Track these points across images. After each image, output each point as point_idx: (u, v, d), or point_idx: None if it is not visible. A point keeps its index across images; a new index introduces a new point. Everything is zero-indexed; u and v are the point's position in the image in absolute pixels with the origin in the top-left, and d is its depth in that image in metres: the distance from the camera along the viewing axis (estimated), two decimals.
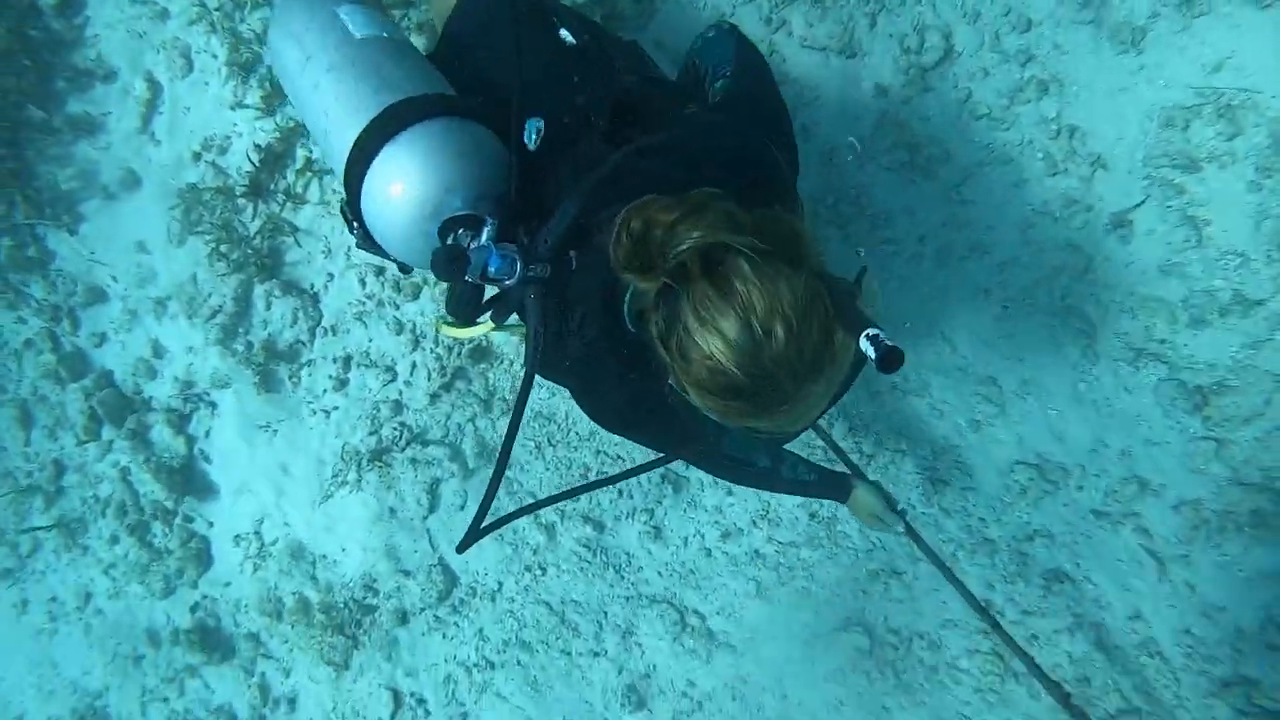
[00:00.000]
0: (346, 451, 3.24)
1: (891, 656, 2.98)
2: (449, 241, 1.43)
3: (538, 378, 1.44)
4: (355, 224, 1.57)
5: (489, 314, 1.56)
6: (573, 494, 2.90)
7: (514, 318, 1.55)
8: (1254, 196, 2.67)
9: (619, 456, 3.11)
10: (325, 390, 3.28)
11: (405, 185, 1.44)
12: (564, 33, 1.76)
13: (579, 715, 3.14)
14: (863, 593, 3.00)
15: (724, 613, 3.06)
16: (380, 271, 3.15)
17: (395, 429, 3.22)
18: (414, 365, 3.20)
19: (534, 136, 1.47)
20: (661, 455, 1.68)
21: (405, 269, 1.61)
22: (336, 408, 3.27)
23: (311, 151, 3.15)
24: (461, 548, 1.52)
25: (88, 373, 3.37)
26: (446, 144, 1.46)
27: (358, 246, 1.66)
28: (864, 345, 1.07)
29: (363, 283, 3.23)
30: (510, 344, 3.18)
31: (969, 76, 2.85)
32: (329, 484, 3.25)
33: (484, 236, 1.40)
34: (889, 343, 1.06)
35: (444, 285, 1.57)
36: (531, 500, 2.99)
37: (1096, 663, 2.85)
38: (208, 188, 3.17)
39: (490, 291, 1.56)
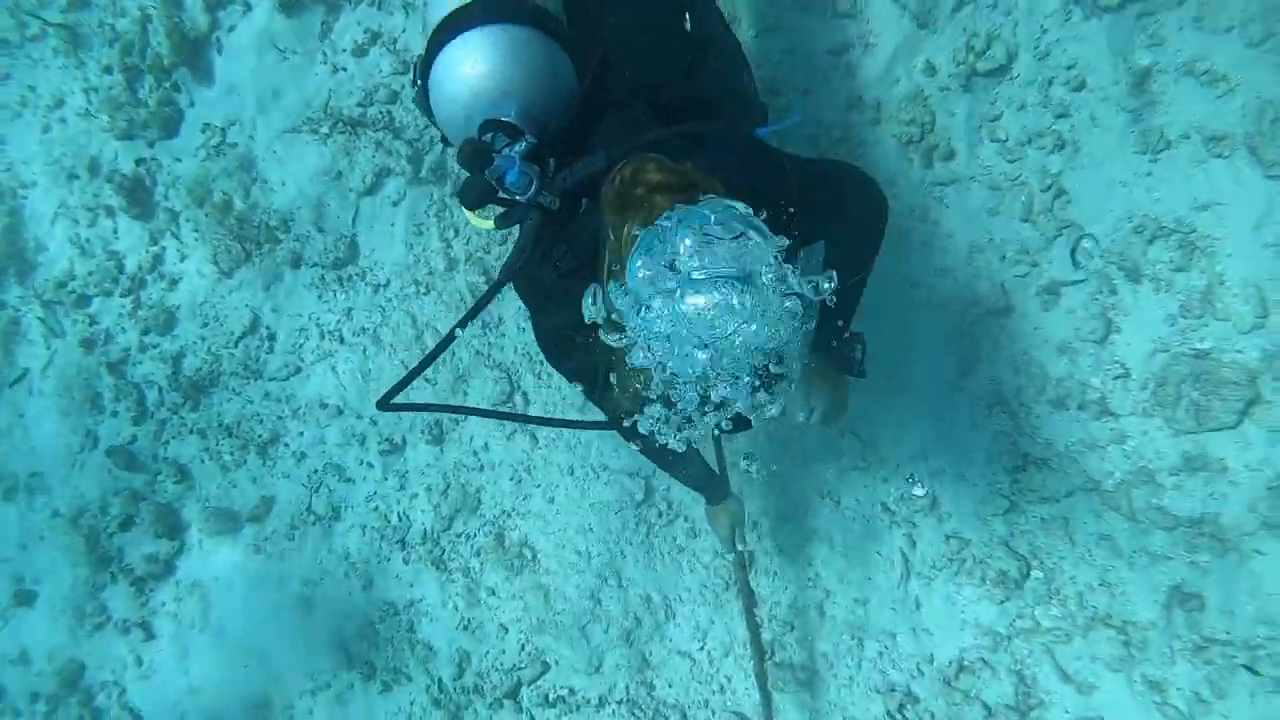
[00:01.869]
0: (331, 108, 3.46)
1: (653, 519, 3.23)
2: (484, 138, 1.54)
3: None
4: (418, 82, 1.69)
5: (496, 214, 1.65)
6: (505, 417, 3.20)
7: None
8: (1166, 329, 2.86)
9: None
10: (345, 50, 3.48)
11: (472, 73, 1.54)
12: (687, 17, 1.93)
13: (385, 420, 3.41)
14: None
15: (544, 408, 3.31)
16: None
17: (381, 113, 3.43)
18: None
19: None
20: (596, 421, 1.87)
21: (446, 140, 1.74)
22: (345, 69, 3.48)
23: None
24: (382, 404, 1.64)
25: None
26: (525, 55, 1.56)
27: (413, 101, 1.77)
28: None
29: None
30: None
31: (1008, 101, 3.01)
32: (302, 124, 3.48)
33: (516, 148, 1.51)
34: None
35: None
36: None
37: (810, 622, 3.11)
38: None
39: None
